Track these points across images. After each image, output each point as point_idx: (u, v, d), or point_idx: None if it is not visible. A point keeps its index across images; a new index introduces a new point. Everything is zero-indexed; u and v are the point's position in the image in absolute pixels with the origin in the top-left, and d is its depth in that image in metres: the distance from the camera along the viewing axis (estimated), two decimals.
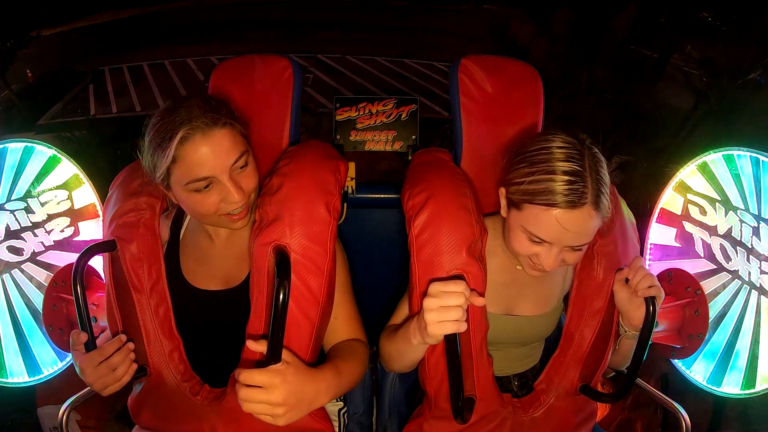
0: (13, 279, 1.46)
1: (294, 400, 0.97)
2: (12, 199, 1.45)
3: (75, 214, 1.48)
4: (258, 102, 1.30)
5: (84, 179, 1.48)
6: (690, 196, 1.48)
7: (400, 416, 1.39)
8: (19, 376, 1.45)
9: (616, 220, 1.22)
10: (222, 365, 1.15)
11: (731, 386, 1.41)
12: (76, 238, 1.48)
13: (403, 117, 1.62)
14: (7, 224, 1.45)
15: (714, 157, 1.44)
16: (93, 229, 1.48)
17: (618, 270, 1.16)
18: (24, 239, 1.46)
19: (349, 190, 1.54)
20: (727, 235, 1.42)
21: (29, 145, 1.46)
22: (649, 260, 1.53)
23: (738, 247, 1.40)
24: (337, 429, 1.30)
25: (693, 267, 1.45)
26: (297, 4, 15.24)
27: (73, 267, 1.08)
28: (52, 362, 1.46)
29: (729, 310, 1.41)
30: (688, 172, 1.48)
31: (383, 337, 1.21)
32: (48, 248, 1.47)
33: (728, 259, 1.42)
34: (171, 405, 1.16)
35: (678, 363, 1.46)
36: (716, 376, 1.42)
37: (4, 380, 1.45)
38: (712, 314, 1.39)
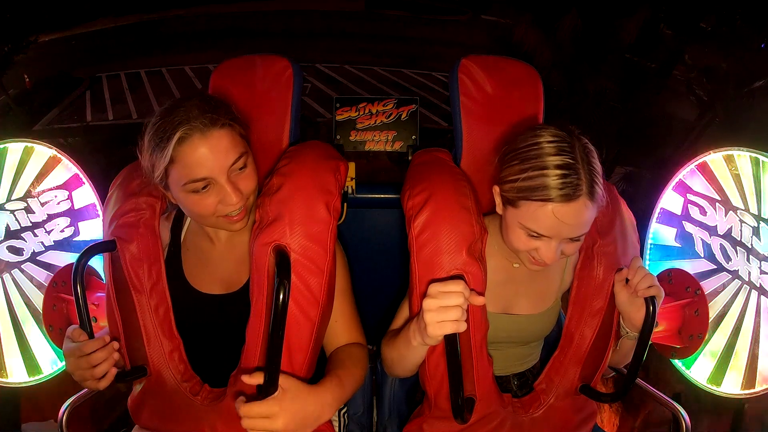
0: (13, 279, 1.46)
1: (297, 423, 0.98)
2: (12, 199, 1.45)
3: (75, 214, 1.48)
4: (258, 102, 1.30)
5: (84, 179, 1.48)
6: (690, 196, 1.48)
7: (400, 416, 1.39)
8: (19, 376, 1.45)
9: (616, 220, 1.22)
10: (222, 366, 1.15)
11: (731, 386, 1.40)
12: (76, 238, 1.48)
13: (403, 117, 1.62)
14: (7, 224, 1.45)
15: (714, 157, 1.45)
16: (93, 229, 1.48)
17: (618, 270, 1.16)
18: (24, 239, 1.46)
19: (349, 190, 1.55)
20: (727, 235, 1.42)
21: (29, 145, 1.47)
22: (649, 260, 1.53)
23: (738, 247, 1.40)
24: (337, 429, 1.29)
25: (693, 267, 1.45)
26: (296, 14, 15.28)
27: (73, 267, 1.08)
28: (52, 362, 1.46)
29: (729, 310, 1.41)
30: (688, 172, 1.49)
31: (384, 342, 1.21)
32: (48, 248, 1.47)
33: (728, 259, 1.42)
34: (171, 405, 1.16)
35: (678, 363, 1.46)
36: (716, 376, 1.42)
37: (4, 380, 1.45)
38: (712, 314, 1.39)
